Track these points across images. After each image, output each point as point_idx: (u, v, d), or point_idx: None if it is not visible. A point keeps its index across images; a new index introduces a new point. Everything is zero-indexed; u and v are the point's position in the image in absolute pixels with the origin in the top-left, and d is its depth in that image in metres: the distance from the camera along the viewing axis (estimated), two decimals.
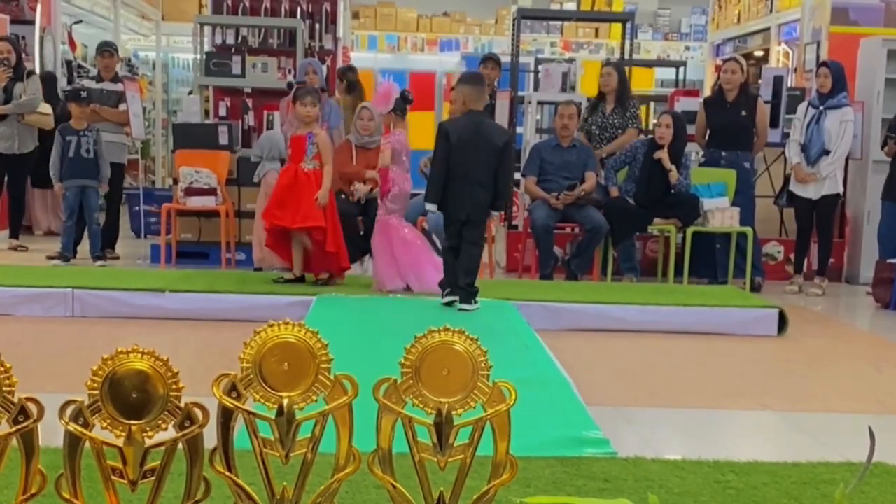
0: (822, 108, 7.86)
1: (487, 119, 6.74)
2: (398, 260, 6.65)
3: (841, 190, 8.14)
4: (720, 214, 7.72)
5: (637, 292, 6.95)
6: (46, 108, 9.30)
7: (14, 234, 8.95)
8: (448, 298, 6.12)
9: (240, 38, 9.61)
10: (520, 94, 9.76)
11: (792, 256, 8.44)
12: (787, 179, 8.27)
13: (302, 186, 6.39)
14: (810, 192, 7.93)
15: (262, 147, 7.72)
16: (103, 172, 8.02)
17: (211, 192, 8.01)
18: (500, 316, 5.90)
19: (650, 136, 8.37)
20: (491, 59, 9.34)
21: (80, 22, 13.10)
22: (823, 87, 7.86)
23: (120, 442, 2.03)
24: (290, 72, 9.23)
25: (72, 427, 2.01)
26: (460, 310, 6.00)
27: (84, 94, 8.07)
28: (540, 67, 10.44)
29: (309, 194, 6.36)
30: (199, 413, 2.06)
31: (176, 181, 8.27)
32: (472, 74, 6.87)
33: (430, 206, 6.25)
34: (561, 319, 6.20)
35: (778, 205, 8.48)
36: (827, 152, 7.83)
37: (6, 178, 8.84)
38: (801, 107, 8.09)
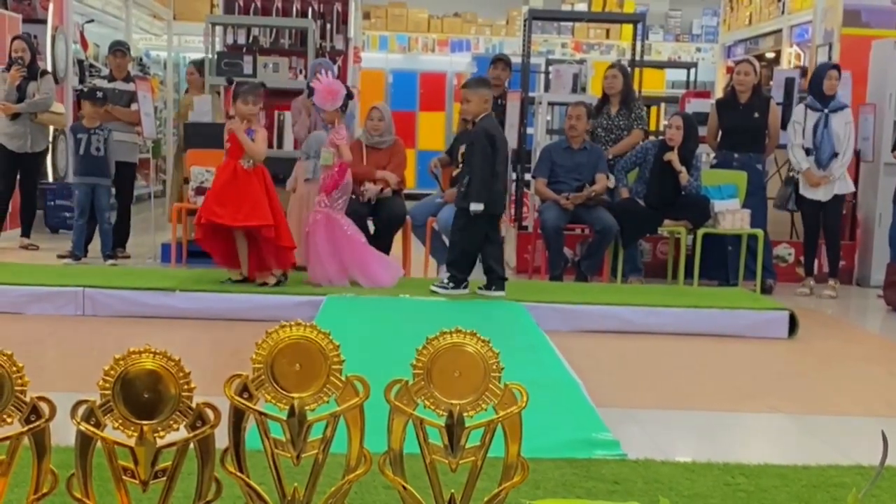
0: (826, 111, 7.85)
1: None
2: (343, 256, 6.58)
3: (852, 189, 8.11)
4: (731, 216, 7.71)
5: (647, 294, 6.94)
6: (59, 107, 9.33)
7: (26, 233, 8.97)
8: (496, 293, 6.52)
9: (251, 38, 9.62)
10: (530, 94, 9.75)
11: (803, 259, 8.41)
12: (795, 185, 8.20)
13: (242, 184, 6.32)
14: (820, 194, 7.91)
15: (311, 146, 7.64)
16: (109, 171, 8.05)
17: None
18: (509, 317, 5.91)
19: (660, 137, 8.36)
20: (501, 60, 9.33)
21: (91, 21, 13.14)
22: (832, 89, 7.85)
23: (131, 442, 2.04)
24: (300, 72, 9.24)
25: (83, 427, 2.02)
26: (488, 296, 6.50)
27: (100, 94, 8.09)
28: (551, 68, 10.44)
29: (250, 192, 6.29)
30: (210, 413, 2.06)
31: (187, 181, 8.28)
32: (483, 78, 6.96)
33: (479, 207, 6.33)
34: (571, 321, 6.20)
35: (788, 210, 8.44)
36: (836, 154, 7.82)
37: (18, 177, 8.86)
38: (799, 110, 8.05)
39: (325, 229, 6.54)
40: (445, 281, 6.56)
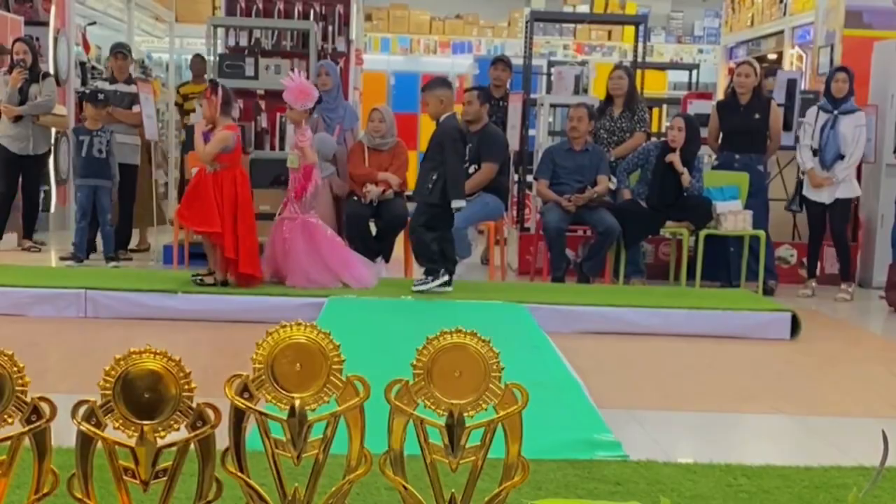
0: (836, 112, 7.84)
1: None
2: (327, 259, 6.58)
3: (858, 193, 8.09)
4: (733, 217, 7.70)
5: (649, 295, 6.93)
6: (62, 109, 9.33)
7: (28, 235, 8.98)
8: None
9: (253, 40, 9.62)
10: (532, 96, 9.76)
11: (805, 260, 8.41)
12: (799, 185, 8.22)
13: (202, 187, 6.37)
14: (824, 196, 7.90)
15: (315, 147, 7.62)
16: (112, 173, 8.07)
17: None
18: (511, 318, 5.90)
19: (662, 139, 8.36)
20: (501, 61, 9.35)
21: (94, 23, 13.14)
22: (840, 91, 7.84)
23: (132, 442, 2.04)
24: (302, 73, 9.24)
25: (84, 427, 2.02)
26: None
27: (101, 96, 8.09)
28: (552, 70, 10.45)
29: (206, 196, 6.32)
30: (211, 413, 2.06)
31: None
32: (442, 79, 6.97)
33: (461, 203, 6.45)
34: (572, 322, 6.19)
35: (791, 210, 8.44)
36: (842, 156, 7.81)
37: (20, 179, 8.86)
38: (811, 111, 8.06)
39: (304, 235, 6.54)
40: (424, 276, 6.60)
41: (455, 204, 6.37)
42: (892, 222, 8.05)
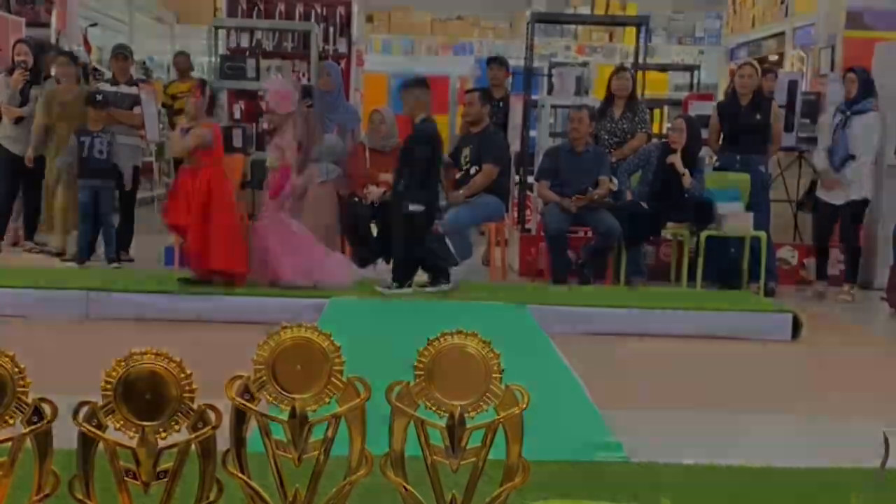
0: (848, 113, 7.84)
1: None
2: (302, 256, 6.57)
3: (869, 195, 8.07)
4: (734, 218, 7.70)
5: (650, 296, 6.93)
6: None
7: (29, 236, 8.98)
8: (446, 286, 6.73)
9: (254, 42, 9.63)
10: (533, 97, 9.75)
11: (806, 261, 8.39)
12: (812, 185, 8.21)
13: (180, 182, 6.47)
14: (837, 197, 7.88)
15: (321, 150, 7.62)
16: (125, 176, 8.10)
17: None
18: (512, 319, 5.91)
19: (663, 140, 8.36)
20: (496, 60, 9.37)
21: (95, 25, 13.15)
22: (850, 92, 7.83)
23: (133, 443, 2.04)
24: (303, 75, 9.25)
25: (85, 428, 2.02)
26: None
27: (100, 97, 8.09)
28: (554, 71, 10.42)
29: (183, 192, 6.38)
30: (212, 415, 2.07)
31: None
32: (418, 79, 6.99)
33: (419, 208, 6.50)
34: (573, 323, 6.19)
35: (802, 211, 8.43)
36: (852, 157, 7.80)
37: (21, 181, 8.86)
38: (830, 112, 8.07)
39: (277, 232, 6.54)
40: (391, 282, 6.60)
41: (412, 208, 6.45)
42: (893, 224, 8.04)
